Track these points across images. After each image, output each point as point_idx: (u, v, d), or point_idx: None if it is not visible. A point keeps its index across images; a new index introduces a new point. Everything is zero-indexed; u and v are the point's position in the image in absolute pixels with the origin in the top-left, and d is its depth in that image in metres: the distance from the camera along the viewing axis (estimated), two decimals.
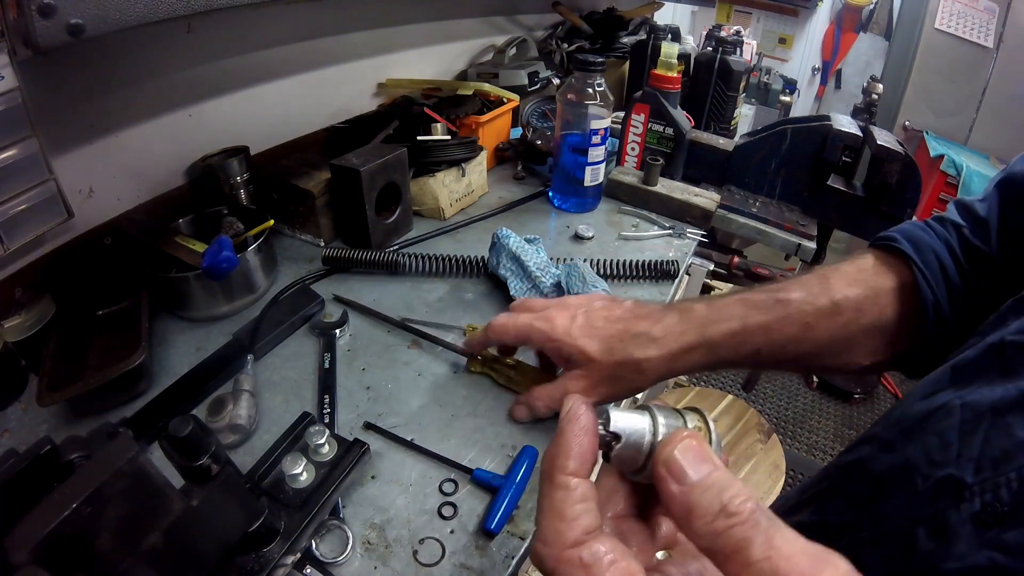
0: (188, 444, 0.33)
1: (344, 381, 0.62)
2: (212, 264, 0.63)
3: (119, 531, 0.29)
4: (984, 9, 2.24)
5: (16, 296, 0.61)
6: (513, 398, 0.59)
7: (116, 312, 0.68)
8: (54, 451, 0.30)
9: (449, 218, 0.94)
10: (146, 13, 0.49)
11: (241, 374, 0.59)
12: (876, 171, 0.94)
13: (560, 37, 1.42)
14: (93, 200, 0.70)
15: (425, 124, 0.94)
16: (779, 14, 2.70)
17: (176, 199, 0.80)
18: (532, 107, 1.14)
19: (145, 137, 0.75)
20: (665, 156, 1.05)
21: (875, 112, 2.29)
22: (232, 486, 0.36)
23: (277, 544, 0.42)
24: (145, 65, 0.72)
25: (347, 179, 0.77)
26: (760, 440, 1.51)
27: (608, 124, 0.90)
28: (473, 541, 0.47)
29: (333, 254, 0.77)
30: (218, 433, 0.53)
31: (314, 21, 0.93)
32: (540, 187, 1.04)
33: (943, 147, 2.31)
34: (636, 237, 0.91)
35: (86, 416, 0.56)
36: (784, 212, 1.07)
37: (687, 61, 1.34)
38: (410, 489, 0.51)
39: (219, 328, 0.68)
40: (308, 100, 0.97)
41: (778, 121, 1.07)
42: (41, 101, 0.59)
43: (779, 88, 2.54)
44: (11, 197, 0.58)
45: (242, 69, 0.85)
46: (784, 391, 2.42)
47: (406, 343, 0.68)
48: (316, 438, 0.48)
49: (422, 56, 1.18)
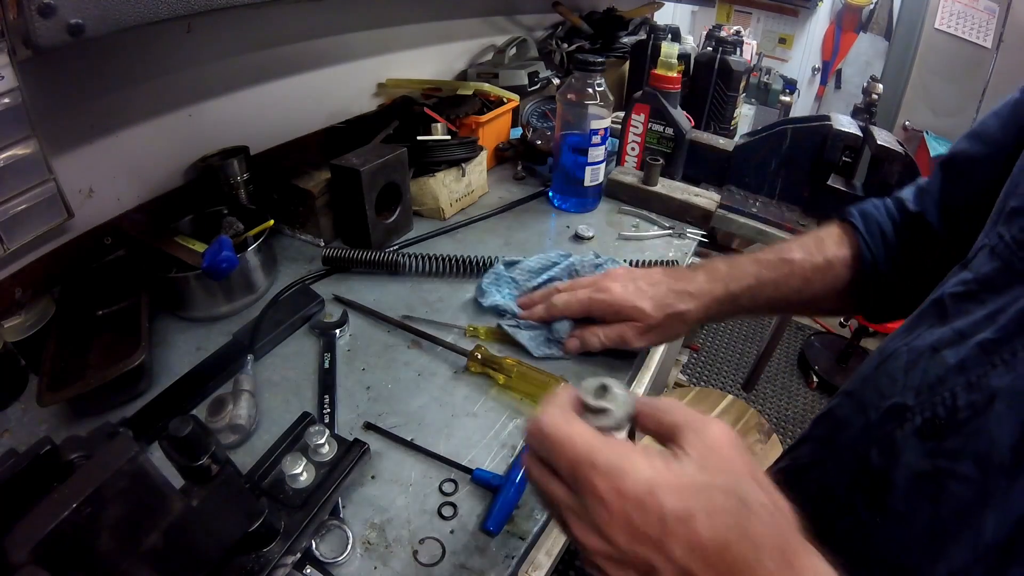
0: (188, 444, 0.33)
1: (344, 381, 0.62)
2: (212, 264, 0.63)
3: (119, 531, 0.29)
4: (984, 9, 2.24)
5: (16, 296, 0.61)
6: (511, 398, 0.59)
7: (116, 312, 0.68)
8: (54, 451, 0.30)
9: (449, 218, 0.94)
10: (146, 13, 0.49)
11: (241, 374, 0.59)
12: (876, 171, 0.94)
13: (560, 37, 1.42)
14: (93, 200, 0.70)
15: (425, 124, 0.94)
16: (779, 14, 2.70)
17: (176, 199, 0.80)
18: (532, 107, 1.14)
19: (145, 137, 0.75)
20: (665, 156, 1.05)
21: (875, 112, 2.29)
22: (232, 486, 0.36)
23: (277, 544, 0.42)
24: (145, 65, 0.72)
25: (347, 179, 0.77)
26: (760, 440, 1.51)
27: (608, 124, 0.90)
28: (473, 541, 0.47)
29: (333, 254, 0.77)
30: (218, 433, 0.53)
31: (314, 21, 0.93)
32: (540, 187, 1.04)
33: (943, 147, 2.31)
34: (636, 237, 0.91)
35: (86, 416, 0.56)
36: (784, 212, 1.07)
37: (687, 61, 1.34)
38: (410, 489, 0.51)
39: (219, 328, 0.68)
40: (308, 100, 0.97)
41: (778, 121, 1.07)
42: (41, 101, 0.59)
43: (779, 88, 2.54)
44: (11, 197, 0.58)
45: (242, 69, 0.85)
46: (784, 391, 2.42)
47: (406, 343, 0.68)
48: (316, 438, 0.48)
49: (422, 56, 1.18)
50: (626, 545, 0.29)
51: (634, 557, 0.29)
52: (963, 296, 0.41)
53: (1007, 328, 0.35)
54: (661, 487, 0.29)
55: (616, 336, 0.62)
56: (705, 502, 0.28)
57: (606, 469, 0.29)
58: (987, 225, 0.43)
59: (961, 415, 0.36)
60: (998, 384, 0.35)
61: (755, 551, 0.28)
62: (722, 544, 0.28)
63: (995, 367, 0.35)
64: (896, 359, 0.44)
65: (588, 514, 0.30)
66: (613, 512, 0.29)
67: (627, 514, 0.29)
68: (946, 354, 0.39)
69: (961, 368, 0.37)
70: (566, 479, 0.31)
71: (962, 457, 0.35)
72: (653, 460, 0.30)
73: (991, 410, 0.34)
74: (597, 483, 0.29)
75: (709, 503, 0.28)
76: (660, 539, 0.28)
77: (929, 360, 0.40)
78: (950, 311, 0.42)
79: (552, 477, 0.32)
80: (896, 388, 0.42)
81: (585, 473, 0.30)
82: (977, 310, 0.39)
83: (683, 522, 0.28)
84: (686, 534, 0.28)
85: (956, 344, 0.39)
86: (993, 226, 0.42)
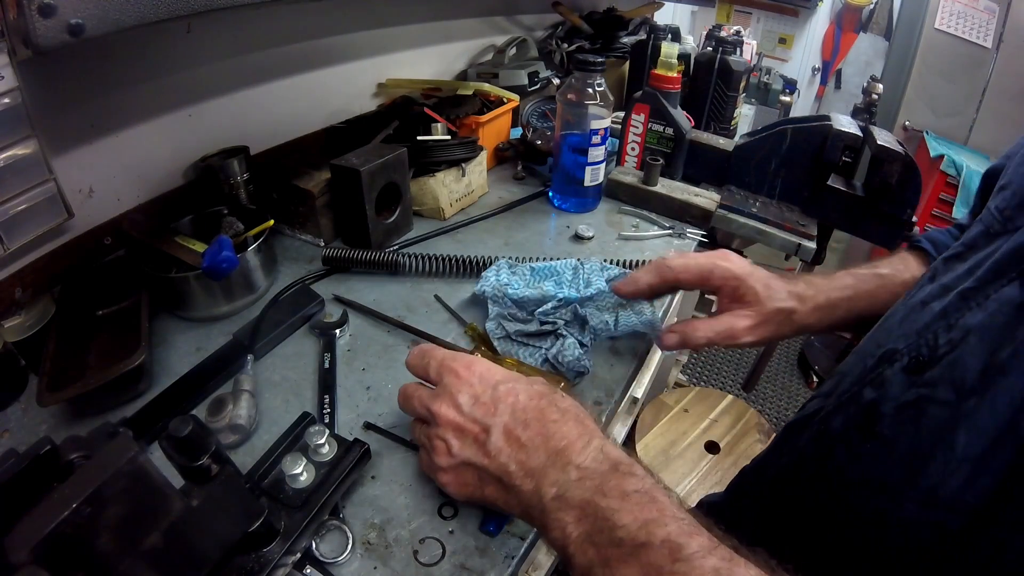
0: (188, 444, 0.33)
1: (344, 381, 0.62)
2: (212, 264, 0.63)
3: (119, 531, 0.29)
4: (984, 9, 2.24)
5: (16, 296, 0.61)
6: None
7: (116, 312, 0.68)
8: (54, 451, 0.30)
9: (449, 218, 0.94)
10: (146, 13, 0.49)
11: (241, 374, 0.59)
12: (876, 171, 0.93)
13: (560, 37, 1.42)
14: (93, 200, 0.70)
15: (425, 124, 0.94)
16: (779, 14, 2.70)
17: (176, 199, 0.80)
18: (532, 107, 1.14)
19: (145, 137, 0.75)
20: (665, 156, 1.05)
21: (875, 112, 2.29)
22: (232, 486, 0.36)
23: (277, 544, 0.42)
24: (145, 65, 0.72)
25: (347, 179, 0.77)
26: (760, 440, 1.51)
27: (608, 124, 0.90)
28: (473, 541, 0.47)
29: (333, 254, 0.77)
30: (218, 433, 0.53)
31: (314, 21, 0.93)
32: (540, 187, 1.04)
33: (943, 147, 2.30)
34: (636, 237, 0.91)
35: (86, 416, 0.56)
36: (784, 212, 1.06)
37: (687, 61, 1.34)
38: (410, 489, 0.51)
39: (219, 328, 0.68)
40: (308, 100, 0.97)
41: (778, 121, 1.06)
42: (41, 101, 0.59)
43: (779, 88, 2.53)
44: (11, 197, 0.58)
45: (242, 69, 0.85)
46: (784, 391, 2.42)
47: (406, 343, 0.68)
48: (316, 438, 0.48)
49: (422, 56, 1.18)
50: (468, 407, 0.43)
51: (473, 421, 0.42)
52: (952, 258, 0.48)
53: (983, 278, 0.41)
54: (495, 370, 0.45)
55: (725, 329, 0.56)
56: (526, 384, 0.44)
57: (461, 359, 0.46)
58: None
59: (941, 351, 0.41)
60: (972, 322, 0.40)
61: (561, 415, 0.41)
62: (536, 409, 0.42)
63: (971, 310, 0.40)
64: (893, 315, 0.50)
65: (445, 389, 0.44)
66: (462, 380, 0.44)
67: (471, 384, 0.44)
68: (934, 306, 0.44)
69: (943, 314, 0.43)
70: (432, 374, 0.46)
71: (940, 385, 0.40)
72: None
73: (965, 343, 0.40)
74: (454, 365, 0.45)
75: (529, 386, 0.44)
76: (492, 403, 0.42)
77: (919, 312, 0.46)
78: (939, 272, 0.48)
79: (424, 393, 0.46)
80: (890, 338, 0.47)
81: (448, 363, 0.45)
82: (960, 267, 0.45)
83: (510, 392, 0.43)
84: (512, 401, 0.42)
85: (941, 296, 0.44)
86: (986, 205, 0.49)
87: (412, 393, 0.47)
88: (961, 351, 0.40)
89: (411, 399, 0.47)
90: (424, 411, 0.45)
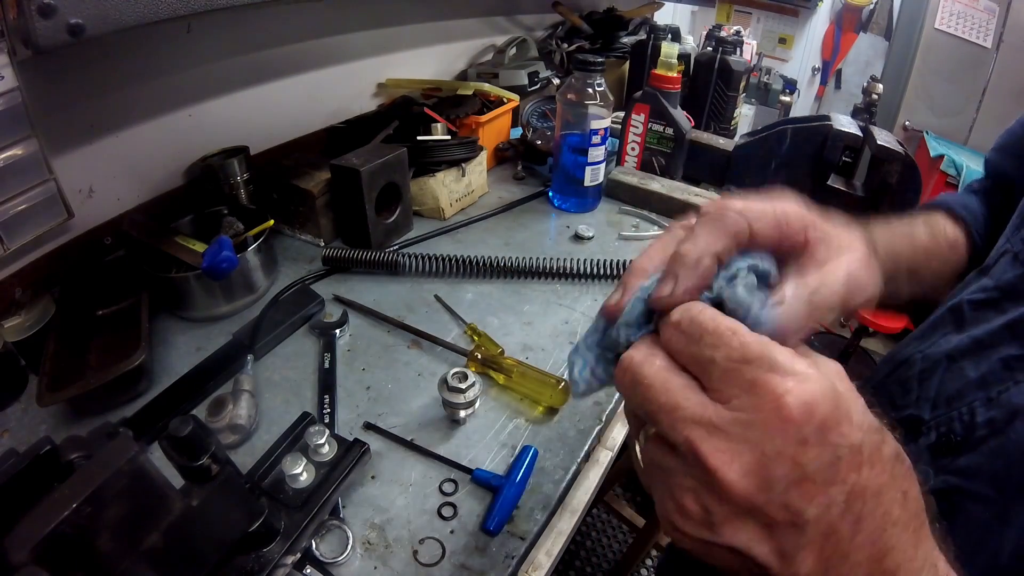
0: (188, 444, 0.33)
1: (344, 381, 0.62)
2: (212, 264, 0.63)
3: (119, 531, 0.29)
4: (984, 9, 2.24)
5: (16, 296, 0.61)
6: (511, 398, 0.59)
7: (116, 312, 0.68)
8: (54, 451, 0.30)
9: (449, 218, 0.94)
10: (146, 13, 0.49)
11: (241, 374, 0.59)
12: (876, 171, 0.93)
13: (560, 37, 1.42)
14: (93, 200, 0.70)
15: (425, 124, 0.94)
16: (779, 14, 2.70)
17: (176, 199, 0.80)
18: (532, 107, 1.13)
19: (145, 137, 0.75)
20: (665, 156, 1.05)
21: (875, 112, 2.29)
22: (232, 486, 0.36)
23: (277, 544, 0.42)
24: (145, 65, 0.72)
25: (347, 179, 0.77)
26: None
27: (608, 124, 0.90)
28: (473, 541, 0.47)
29: (333, 254, 0.77)
30: (218, 433, 0.53)
31: (314, 21, 0.93)
32: (540, 187, 1.04)
33: (943, 147, 2.30)
34: (636, 237, 0.91)
35: (86, 416, 0.56)
36: None
37: (687, 61, 1.34)
38: (410, 489, 0.51)
39: (219, 328, 0.68)
40: (308, 100, 0.97)
41: (778, 121, 1.06)
42: (41, 101, 0.59)
43: (779, 88, 2.54)
44: (11, 197, 0.58)
45: (242, 69, 0.85)
46: None
47: (406, 343, 0.67)
48: (316, 438, 0.48)
49: (422, 56, 1.18)
50: (781, 483, 0.20)
51: (782, 507, 0.21)
52: (982, 303, 0.40)
53: None
54: (842, 415, 0.20)
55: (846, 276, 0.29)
56: (874, 444, 0.21)
57: (791, 371, 0.20)
58: (1008, 230, 0.42)
59: (979, 432, 0.34)
60: (1020, 401, 0.33)
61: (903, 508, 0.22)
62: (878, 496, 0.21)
63: (1018, 384, 0.33)
64: (909, 367, 0.41)
65: (745, 428, 0.21)
66: (788, 423, 0.20)
67: (803, 439, 0.20)
68: (964, 365, 0.37)
69: (982, 383, 0.35)
70: (716, 375, 0.22)
71: (978, 476, 0.33)
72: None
73: (1012, 428, 0.32)
74: (777, 389, 0.20)
75: (876, 448, 0.21)
76: (824, 483, 0.20)
77: (946, 370, 0.38)
78: (968, 318, 0.40)
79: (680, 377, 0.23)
80: (910, 399, 0.39)
81: (763, 378, 0.20)
82: (996, 318, 0.37)
83: (854, 465, 0.21)
84: (853, 481, 0.21)
85: (975, 355, 0.37)
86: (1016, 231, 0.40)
87: (663, 386, 0.23)
88: (1006, 438, 0.32)
89: (657, 396, 0.23)
90: (681, 440, 0.22)
